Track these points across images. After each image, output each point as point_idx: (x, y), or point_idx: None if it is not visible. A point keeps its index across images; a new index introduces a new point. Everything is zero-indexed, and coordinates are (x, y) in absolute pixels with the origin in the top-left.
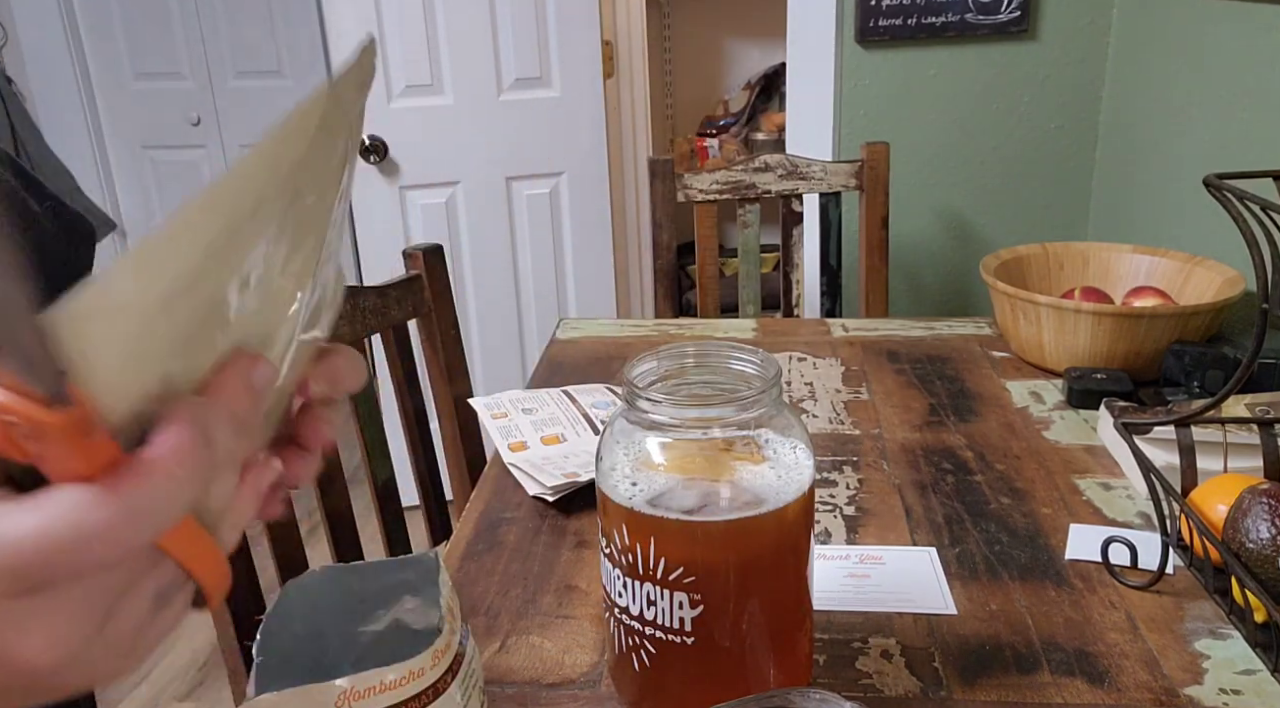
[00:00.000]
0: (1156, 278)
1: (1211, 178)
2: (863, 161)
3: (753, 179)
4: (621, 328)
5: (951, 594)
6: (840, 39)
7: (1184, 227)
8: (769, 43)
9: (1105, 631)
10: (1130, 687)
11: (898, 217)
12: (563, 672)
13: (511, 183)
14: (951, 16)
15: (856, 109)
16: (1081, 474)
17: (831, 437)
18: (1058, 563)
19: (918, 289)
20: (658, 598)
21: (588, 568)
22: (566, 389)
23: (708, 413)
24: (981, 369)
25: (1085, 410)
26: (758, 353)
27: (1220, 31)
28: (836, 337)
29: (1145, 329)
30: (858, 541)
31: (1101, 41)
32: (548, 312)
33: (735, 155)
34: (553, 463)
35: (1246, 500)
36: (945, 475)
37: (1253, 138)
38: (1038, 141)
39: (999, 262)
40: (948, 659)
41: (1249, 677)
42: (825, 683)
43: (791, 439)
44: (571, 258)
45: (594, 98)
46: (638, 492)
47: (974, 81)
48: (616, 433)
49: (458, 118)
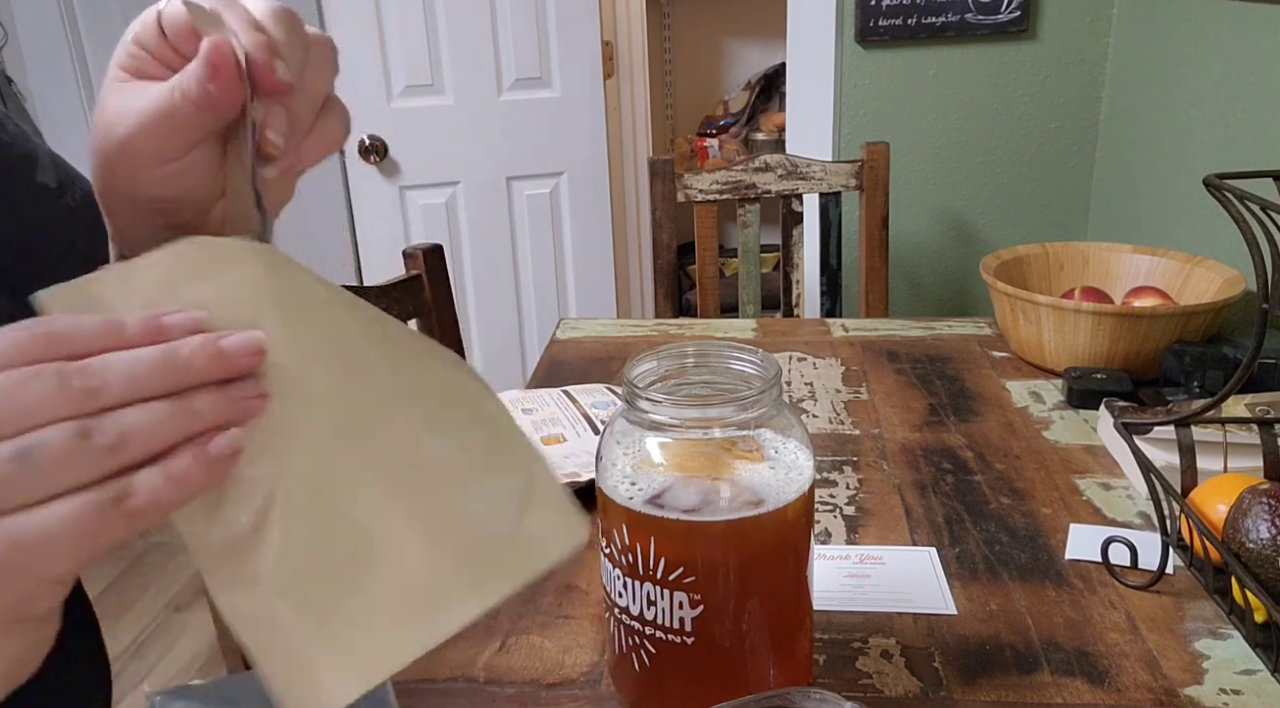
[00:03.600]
0: (1156, 278)
1: (1211, 178)
2: (863, 162)
3: (753, 179)
4: (621, 328)
5: (951, 594)
6: (840, 39)
7: (1184, 227)
8: (769, 43)
9: (1105, 631)
10: (1130, 687)
11: (898, 217)
12: (563, 672)
13: (511, 183)
14: (951, 16)
15: (856, 109)
16: (1081, 474)
17: (831, 437)
18: (1058, 563)
19: (918, 289)
20: (658, 598)
21: (588, 568)
22: (566, 389)
23: (708, 413)
24: (981, 369)
25: (1085, 410)
26: (758, 353)
27: (1220, 31)
28: (836, 337)
29: (1145, 329)
30: (858, 541)
31: (1101, 41)
32: (548, 312)
33: (735, 155)
34: (552, 463)
35: (1246, 500)
36: (945, 475)
37: (1253, 138)
38: (1038, 141)
39: (999, 262)
40: (948, 659)
41: (1249, 677)
42: (825, 683)
43: (791, 439)
44: (571, 258)
45: (594, 98)
46: (638, 492)
47: (974, 81)
48: (616, 433)
49: (458, 118)
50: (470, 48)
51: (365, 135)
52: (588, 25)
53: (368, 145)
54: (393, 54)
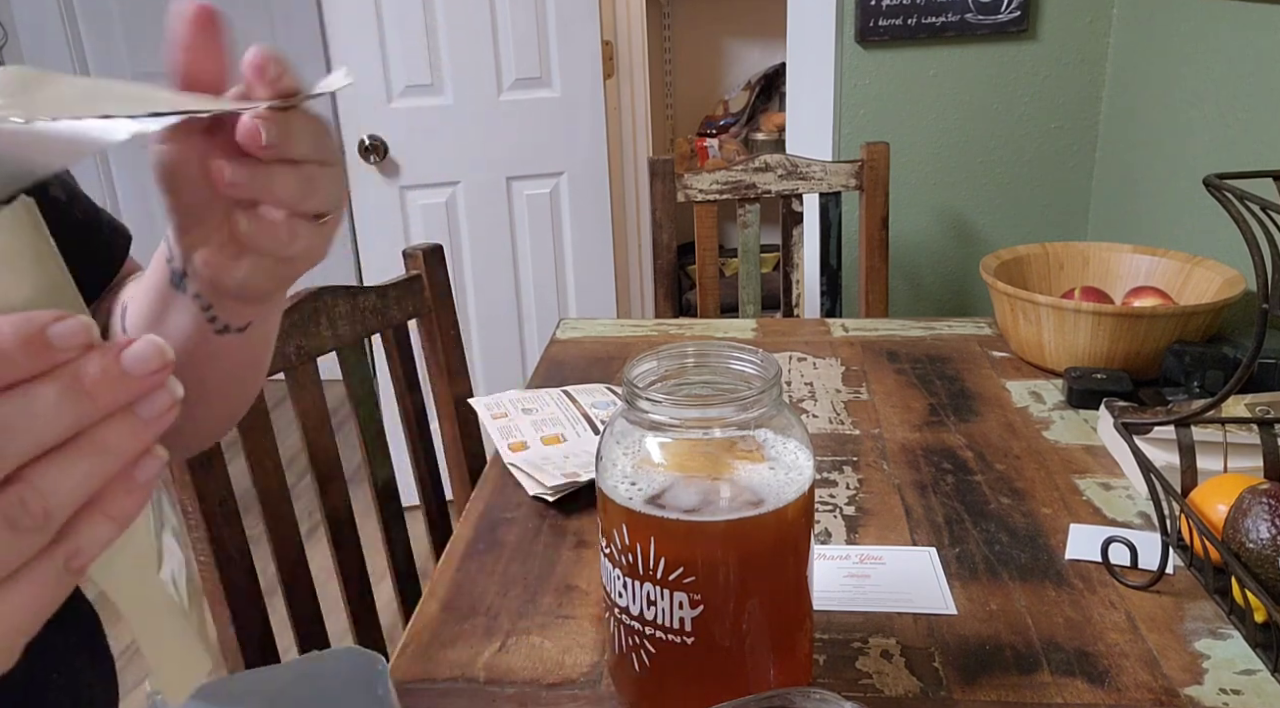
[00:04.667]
0: (1156, 278)
1: (1211, 178)
2: (863, 162)
3: (753, 179)
4: (621, 328)
5: (951, 594)
6: (840, 39)
7: (1184, 227)
8: (769, 43)
9: (1105, 631)
10: (1130, 687)
11: (898, 217)
12: (563, 672)
13: (511, 183)
14: (951, 16)
15: (856, 109)
16: (1081, 474)
17: (831, 437)
18: (1058, 563)
19: (918, 289)
20: (658, 598)
21: (588, 568)
22: (566, 389)
23: (708, 413)
24: (981, 369)
25: (1085, 410)
26: (758, 353)
27: (1220, 31)
28: (836, 337)
29: (1145, 329)
30: (858, 541)
31: (1101, 41)
32: (548, 312)
33: (735, 155)
34: (553, 463)
35: (1246, 500)
36: (945, 475)
37: (1253, 138)
38: (1038, 141)
39: (999, 262)
40: (948, 659)
41: (1249, 677)
42: (825, 683)
43: (791, 439)
44: (571, 258)
45: (594, 98)
46: (637, 491)
47: (974, 81)
48: (616, 433)
49: (458, 118)
50: (470, 48)
51: (365, 135)
52: (588, 25)
53: (368, 145)
54: (393, 54)
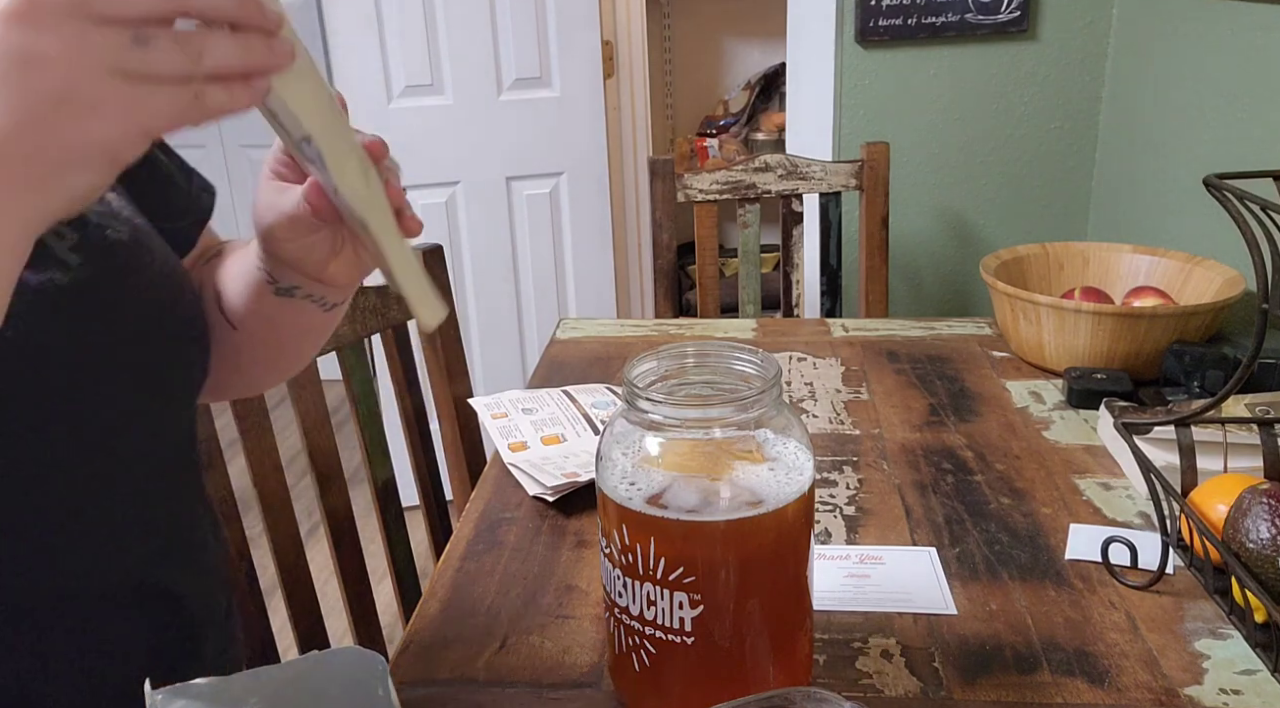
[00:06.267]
0: (1156, 278)
1: (1211, 178)
2: (863, 161)
3: (753, 179)
4: (621, 328)
5: (951, 594)
6: (840, 39)
7: (1184, 227)
8: (769, 43)
9: (1105, 631)
10: (1130, 687)
11: (898, 217)
12: (563, 672)
13: (511, 183)
14: (951, 16)
15: (856, 109)
16: (1081, 474)
17: (831, 437)
18: (1058, 563)
19: (918, 289)
20: (658, 598)
21: (588, 568)
22: (566, 389)
23: (708, 413)
24: (981, 369)
25: (1085, 410)
26: (758, 353)
27: (1220, 31)
28: (836, 337)
29: (1145, 329)
30: (858, 541)
31: (1101, 41)
32: (548, 312)
33: (735, 155)
34: (553, 463)
35: (1246, 500)
36: (945, 475)
37: (1253, 138)
38: (1038, 141)
39: (999, 262)
40: (948, 659)
41: (1249, 677)
42: (825, 683)
43: (791, 439)
44: (571, 258)
45: (594, 98)
46: (637, 492)
47: (974, 81)
48: (616, 433)
49: (458, 118)
50: (470, 48)
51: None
52: (588, 25)
53: None
54: (393, 54)
